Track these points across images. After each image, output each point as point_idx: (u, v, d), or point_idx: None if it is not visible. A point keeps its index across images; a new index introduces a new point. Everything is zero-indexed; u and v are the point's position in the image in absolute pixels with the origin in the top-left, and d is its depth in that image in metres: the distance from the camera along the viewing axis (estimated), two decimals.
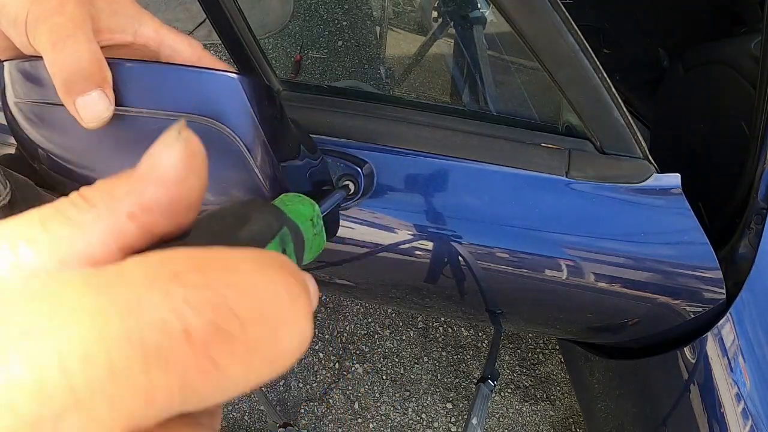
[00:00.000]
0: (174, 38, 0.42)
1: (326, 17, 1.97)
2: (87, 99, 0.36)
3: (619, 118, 0.58)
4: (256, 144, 0.42)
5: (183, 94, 0.39)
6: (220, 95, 0.40)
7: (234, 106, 0.40)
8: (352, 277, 0.82)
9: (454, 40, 1.04)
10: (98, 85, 0.36)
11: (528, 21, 0.53)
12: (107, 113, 0.37)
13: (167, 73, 0.39)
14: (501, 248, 0.66)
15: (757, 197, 0.67)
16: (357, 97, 0.68)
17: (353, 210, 0.66)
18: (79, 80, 0.35)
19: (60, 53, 0.35)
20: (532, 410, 1.59)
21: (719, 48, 1.01)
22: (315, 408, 1.63)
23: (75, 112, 0.36)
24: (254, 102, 0.41)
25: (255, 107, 0.41)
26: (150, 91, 0.39)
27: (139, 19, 0.40)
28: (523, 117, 0.68)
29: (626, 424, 0.94)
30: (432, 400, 1.62)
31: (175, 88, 0.39)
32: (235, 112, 0.41)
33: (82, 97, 0.36)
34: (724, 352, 0.68)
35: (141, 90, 0.39)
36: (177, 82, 0.39)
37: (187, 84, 0.39)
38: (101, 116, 0.37)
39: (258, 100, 0.41)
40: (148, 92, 0.39)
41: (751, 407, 0.66)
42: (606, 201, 0.62)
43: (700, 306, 0.68)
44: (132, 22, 0.40)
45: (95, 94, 0.36)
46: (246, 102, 0.40)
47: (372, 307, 1.69)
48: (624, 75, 1.49)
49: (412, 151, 0.64)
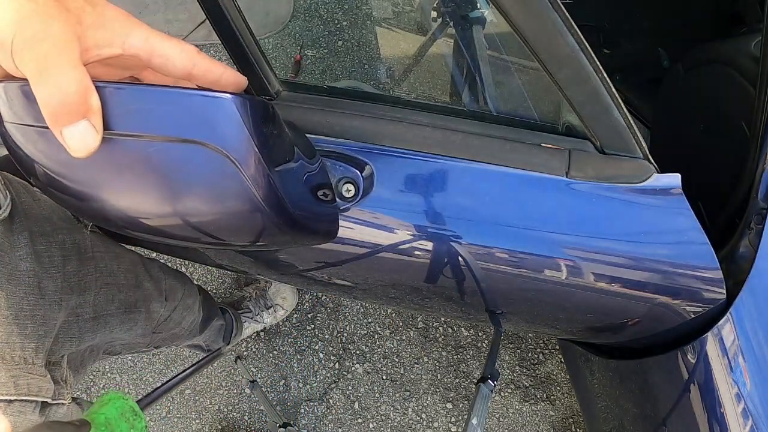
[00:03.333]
0: (165, 45, 0.41)
1: (326, 17, 1.97)
2: (73, 130, 0.35)
3: (619, 118, 0.58)
4: (254, 167, 0.42)
5: (175, 117, 0.38)
6: (213, 118, 0.39)
7: (229, 128, 0.40)
8: (351, 278, 0.82)
9: (453, 40, 1.04)
10: (84, 116, 0.35)
11: (528, 21, 0.53)
12: (94, 143, 0.36)
13: (158, 96, 0.38)
14: (501, 248, 0.66)
15: (757, 197, 0.67)
16: (356, 98, 0.68)
17: (353, 211, 0.66)
18: (64, 112, 0.35)
19: (45, 84, 0.34)
20: (532, 410, 1.59)
21: (719, 48, 1.01)
22: (315, 408, 1.63)
23: (63, 141, 0.36)
24: (249, 122, 0.40)
25: (250, 128, 0.40)
26: (141, 114, 0.38)
27: (128, 30, 0.39)
28: (522, 117, 0.68)
29: (626, 424, 0.94)
30: (432, 400, 1.62)
31: (167, 112, 0.38)
32: (230, 134, 0.40)
33: (68, 128, 0.35)
34: (724, 352, 0.68)
35: (132, 114, 0.38)
36: (167, 105, 0.38)
37: (179, 107, 0.38)
38: (88, 146, 0.36)
39: (253, 119, 0.40)
40: (140, 116, 0.38)
41: (751, 407, 0.66)
42: (606, 201, 0.62)
43: (700, 306, 0.68)
44: (119, 34, 0.39)
45: (82, 125, 0.35)
46: (241, 123, 0.40)
47: (372, 307, 1.69)
48: (624, 75, 1.49)
49: (411, 152, 0.64)
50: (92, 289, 0.80)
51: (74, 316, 0.77)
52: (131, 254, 0.96)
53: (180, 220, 0.44)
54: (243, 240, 0.50)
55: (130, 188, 0.42)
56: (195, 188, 0.42)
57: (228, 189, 0.42)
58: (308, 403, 1.63)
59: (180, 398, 1.65)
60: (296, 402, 1.64)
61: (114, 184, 0.42)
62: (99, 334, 0.84)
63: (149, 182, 0.41)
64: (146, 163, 0.40)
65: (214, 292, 1.73)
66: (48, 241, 0.72)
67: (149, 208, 0.43)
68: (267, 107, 0.44)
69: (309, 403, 1.63)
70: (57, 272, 0.73)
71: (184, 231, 0.46)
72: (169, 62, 0.41)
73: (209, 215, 0.44)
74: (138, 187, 0.42)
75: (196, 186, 0.42)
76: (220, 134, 0.40)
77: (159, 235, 0.47)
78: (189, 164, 0.40)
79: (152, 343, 1.09)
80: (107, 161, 0.39)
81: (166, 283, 1.04)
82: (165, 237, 0.48)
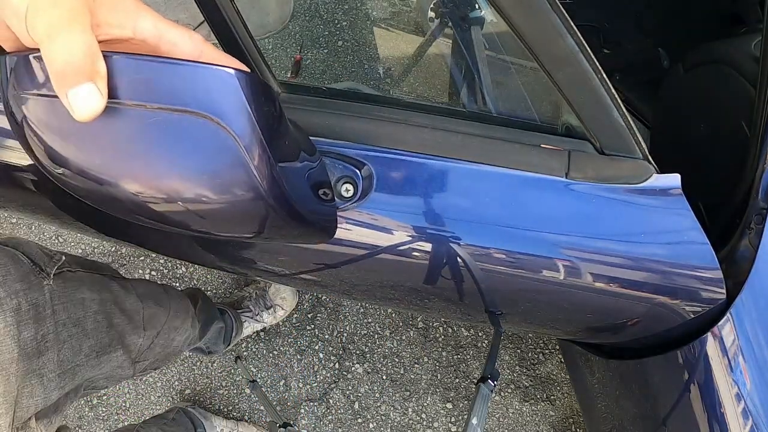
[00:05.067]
0: (174, 32, 0.42)
1: (326, 17, 1.97)
2: (78, 91, 0.36)
3: (618, 118, 0.58)
4: (252, 141, 0.42)
5: (179, 89, 0.39)
6: (215, 91, 0.40)
7: (230, 102, 0.40)
8: (351, 279, 0.82)
9: (452, 40, 1.03)
10: (90, 78, 0.36)
11: (526, 21, 0.53)
12: (98, 107, 0.37)
13: (163, 67, 0.39)
14: (500, 249, 0.66)
15: (757, 197, 0.67)
16: (356, 99, 0.68)
17: (352, 212, 0.66)
18: (70, 73, 0.35)
19: (54, 45, 0.35)
20: (532, 410, 1.59)
21: (719, 48, 1.01)
22: (315, 408, 1.63)
23: (67, 104, 0.36)
24: (251, 98, 0.41)
25: (252, 103, 0.41)
26: (146, 85, 0.39)
27: (138, 14, 0.40)
28: (522, 118, 0.68)
29: (626, 424, 0.94)
30: (432, 400, 1.62)
31: (171, 83, 0.39)
32: (231, 108, 0.40)
33: (74, 89, 0.36)
34: (724, 352, 0.68)
35: (137, 84, 0.39)
36: (173, 76, 0.39)
37: (183, 79, 0.39)
38: (92, 109, 0.37)
39: (255, 96, 0.41)
40: (145, 86, 0.39)
41: (751, 407, 0.66)
42: (606, 202, 0.62)
43: (700, 306, 0.68)
44: (131, 17, 0.40)
45: (86, 87, 0.36)
46: (243, 98, 0.40)
47: (372, 307, 1.69)
48: (624, 75, 1.48)
49: (411, 153, 0.64)
50: (53, 348, 0.77)
51: (37, 377, 0.74)
52: (102, 293, 0.92)
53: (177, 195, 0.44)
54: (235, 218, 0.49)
55: (130, 158, 0.42)
56: (193, 159, 0.42)
57: (226, 163, 0.42)
58: (308, 403, 1.63)
59: (180, 398, 1.65)
60: (296, 402, 1.64)
61: (116, 154, 0.42)
62: (69, 384, 0.81)
63: (149, 153, 0.42)
64: (147, 132, 0.40)
65: (214, 292, 1.73)
66: (2, 309, 0.69)
67: (148, 180, 0.43)
68: (270, 89, 0.45)
69: (309, 403, 1.63)
70: (13, 343, 0.69)
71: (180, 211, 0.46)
72: (176, 49, 0.42)
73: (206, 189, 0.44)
74: (138, 158, 0.42)
75: (194, 157, 0.42)
76: (220, 107, 0.40)
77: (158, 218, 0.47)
78: (189, 135, 0.41)
79: (136, 373, 1.03)
80: (110, 129, 0.40)
81: (145, 312, 1.00)
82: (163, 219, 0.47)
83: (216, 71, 0.40)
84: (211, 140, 0.41)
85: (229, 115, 0.40)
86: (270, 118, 0.44)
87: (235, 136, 0.41)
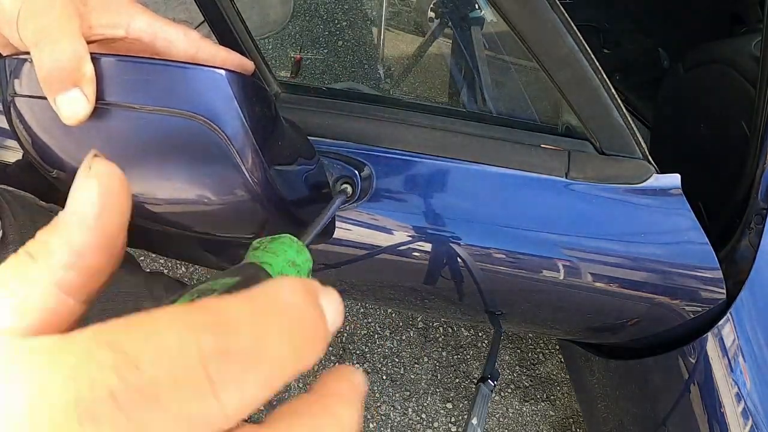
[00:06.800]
0: (168, 30, 0.41)
1: (326, 17, 1.96)
2: (65, 97, 0.37)
3: (618, 118, 0.58)
4: (244, 143, 0.41)
5: (170, 90, 0.39)
6: (206, 92, 0.40)
7: (221, 103, 0.40)
8: (350, 279, 0.82)
9: (452, 40, 1.03)
10: (76, 84, 0.37)
11: (527, 22, 0.53)
12: (84, 111, 0.37)
13: (153, 68, 0.39)
14: (500, 249, 0.66)
15: (757, 197, 0.67)
16: (355, 99, 0.68)
17: (352, 212, 0.66)
18: (56, 79, 0.36)
19: (41, 52, 0.36)
20: (532, 410, 1.59)
21: (719, 48, 1.01)
22: None
23: (56, 108, 0.37)
24: (242, 99, 0.40)
25: (243, 104, 0.40)
26: (137, 86, 0.39)
27: (132, 13, 0.41)
28: (522, 118, 0.68)
29: (626, 424, 0.94)
30: (432, 400, 1.62)
31: (162, 84, 0.39)
32: (222, 110, 0.40)
33: (61, 95, 0.37)
34: (724, 352, 0.68)
35: (128, 85, 0.39)
36: (163, 77, 0.39)
37: (174, 80, 0.39)
38: (78, 114, 0.37)
39: (247, 97, 0.41)
40: (135, 88, 0.39)
41: (751, 407, 0.66)
42: (606, 202, 0.62)
43: (700, 306, 0.68)
44: (124, 16, 0.40)
45: (73, 92, 0.37)
46: (233, 99, 0.40)
47: (372, 307, 1.69)
48: (624, 75, 1.49)
49: (410, 153, 0.64)
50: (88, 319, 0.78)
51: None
52: (135, 276, 0.94)
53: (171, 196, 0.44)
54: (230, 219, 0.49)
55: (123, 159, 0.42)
56: (185, 161, 0.42)
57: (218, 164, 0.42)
58: None
59: None
60: None
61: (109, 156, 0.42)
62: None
63: (142, 154, 0.42)
64: (140, 134, 0.40)
65: None
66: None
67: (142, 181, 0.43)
68: (263, 90, 0.45)
69: None
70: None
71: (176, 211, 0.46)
72: (172, 46, 0.42)
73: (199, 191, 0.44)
74: (131, 159, 0.42)
75: (186, 158, 0.42)
76: (211, 108, 0.40)
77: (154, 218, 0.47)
78: (181, 136, 0.41)
79: None
80: (103, 131, 0.40)
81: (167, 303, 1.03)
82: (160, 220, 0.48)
83: (206, 72, 0.39)
84: (203, 142, 0.41)
85: (221, 117, 0.40)
86: (263, 119, 0.44)
87: (226, 138, 0.41)
